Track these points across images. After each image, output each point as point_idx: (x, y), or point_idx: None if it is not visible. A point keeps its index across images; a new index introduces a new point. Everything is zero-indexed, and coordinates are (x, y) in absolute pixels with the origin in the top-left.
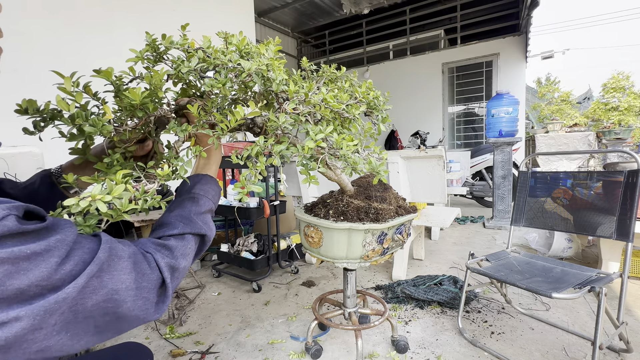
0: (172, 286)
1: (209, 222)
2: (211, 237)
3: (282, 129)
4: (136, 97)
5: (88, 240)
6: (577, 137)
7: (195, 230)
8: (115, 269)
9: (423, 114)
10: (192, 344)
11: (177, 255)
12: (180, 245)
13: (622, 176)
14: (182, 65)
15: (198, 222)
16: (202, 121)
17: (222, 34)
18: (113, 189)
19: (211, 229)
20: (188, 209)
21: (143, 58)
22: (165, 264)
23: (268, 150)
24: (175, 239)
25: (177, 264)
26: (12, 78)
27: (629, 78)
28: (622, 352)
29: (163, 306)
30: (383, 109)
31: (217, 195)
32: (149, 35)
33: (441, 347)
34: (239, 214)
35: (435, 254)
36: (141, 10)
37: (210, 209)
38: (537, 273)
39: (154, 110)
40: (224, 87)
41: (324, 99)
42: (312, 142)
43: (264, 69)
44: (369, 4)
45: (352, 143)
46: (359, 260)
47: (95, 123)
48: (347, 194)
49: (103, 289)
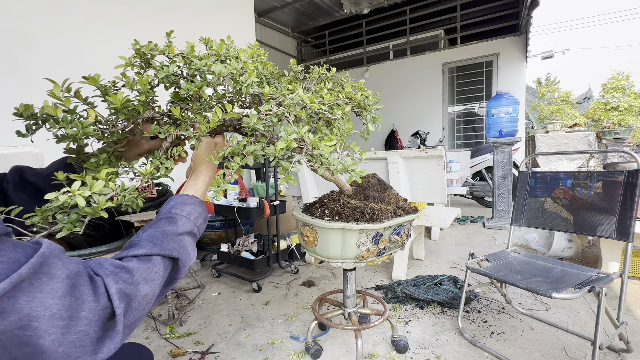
0: (127, 320)
1: (186, 245)
2: (186, 262)
3: (256, 130)
4: (117, 101)
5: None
6: (577, 137)
7: (165, 252)
8: (40, 290)
9: (423, 114)
10: (192, 344)
11: (137, 280)
12: (142, 268)
13: (622, 176)
14: (161, 71)
15: (171, 244)
16: (186, 122)
17: (204, 39)
18: (93, 184)
19: (188, 253)
20: (161, 229)
21: (132, 64)
22: (117, 290)
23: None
24: (139, 261)
25: (136, 290)
26: (12, 78)
27: (629, 78)
28: (622, 352)
29: (110, 345)
30: (372, 108)
31: (201, 217)
32: (136, 43)
33: (441, 347)
34: (239, 214)
35: (435, 254)
36: (141, 11)
37: (190, 231)
38: (537, 273)
39: (143, 113)
40: (201, 90)
41: (302, 100)
42: (284, 142)
43: (236, 72)
44: (369, 4)
45: (330, 143)
46: (353, 260)
47: (77, 126)
48: (345, 193)
49: (15, 314)
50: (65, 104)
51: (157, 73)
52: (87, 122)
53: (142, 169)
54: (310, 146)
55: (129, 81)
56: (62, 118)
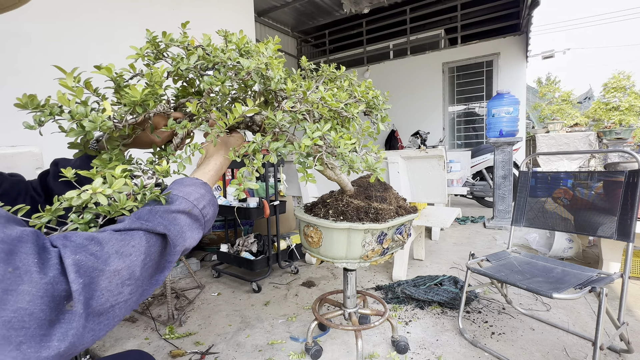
0: (95, 302)
1: (180, 222)
2: (177, 240)
3: (280, 127)
4: (137, 94)
5: None
6: (578, 137)
7: (148, 226)
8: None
9: (423, 114)
10: (191, 345)
11: (107, 253)
12: (116, 239)
13: (622, 176)
14: (181, 62)
15: (157, 219)
16: (201, 118)
17: (222, 32)
18: (113, 182)
19: (180, 231)
20: (151, 207)
21: (143, 55)
22: (75, 262)
23: (265, 147)
24: (114, 232)
25: (103, 264)
26: (12, 79)
27: (630, 78)
28: (623, 353)
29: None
30: (382, 108)
31: (204, 199)
32: (150, 33)
33: (441, 348)
34: (239, 214)
35: (436, 254)
36: (141, 10)
37: (188, 210)
38: (537, 273)
39: (154, 107)
40: (223, 85)
41: (322, 98)
42: (309, 139)
43: (263, 67)
44: (369, 3)
45: (350, 142)
46: (358, 260)
47: (94, 119)
48: (347, 193)
49: None
50: (77, 95)
51: (176, 64)
52: (105, 115)
53: (157, 166)
54: (332, 144)
55: (148, 73)
56: (77, 110)
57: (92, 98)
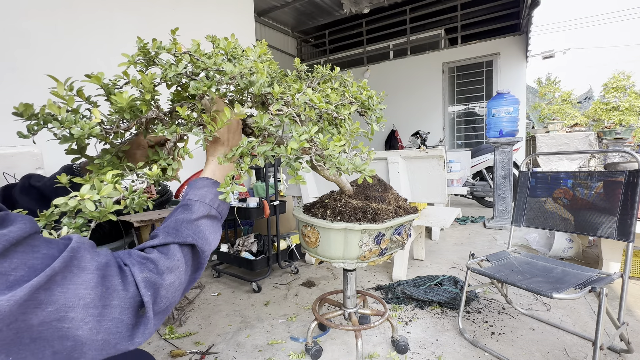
0: (157, 307)
1: (203, 230)
2: (204, 247)
3: (266, 130)
4: (122, 100)
5: (49, 244)
6: (578, 137)
7: (179, 239)
8: (73, 282)
9: (423, 114)
10: (191, 345)
11: (161, 270)
12: (163, 258)
13: (622, 176)
14: (169, 69)
15: (185, 231)
16: (191, 123)
17: (210, 38)
18: (101, 188)
19: (205, 238)
20: (175, 218)
21: (135, 62)
22: (143, 279)
23: (254, 151)
24: (158, 251)
25: (161, 280)
26: (12, 78)
27: (630, 78)
28: (623, 353)
29: (144, 330)
30: (377, 108)
31: (216, 197)
32: (140, 40)
33: (441, 348)
34: (239, 214)
35: (436, 254)
36: (141, 10)
37: (207, 214)
38: (537, 273)
39: (146, 112)
40: (210, 90)
41: (311, 100)
42: (296, 142)
43: (247, 72)
44: (369, 3)
45: (339, 143)
46: (355, 260)
47: (83, 126)
48: (345, 194)
49: (52, 305)
50: (68, 103)
51: (164, 71)
52: (93, 122)
53: (148, 170)
54: (320, 147)
55: (134, 79)
56: (66, 118)
57: (85, 105)
